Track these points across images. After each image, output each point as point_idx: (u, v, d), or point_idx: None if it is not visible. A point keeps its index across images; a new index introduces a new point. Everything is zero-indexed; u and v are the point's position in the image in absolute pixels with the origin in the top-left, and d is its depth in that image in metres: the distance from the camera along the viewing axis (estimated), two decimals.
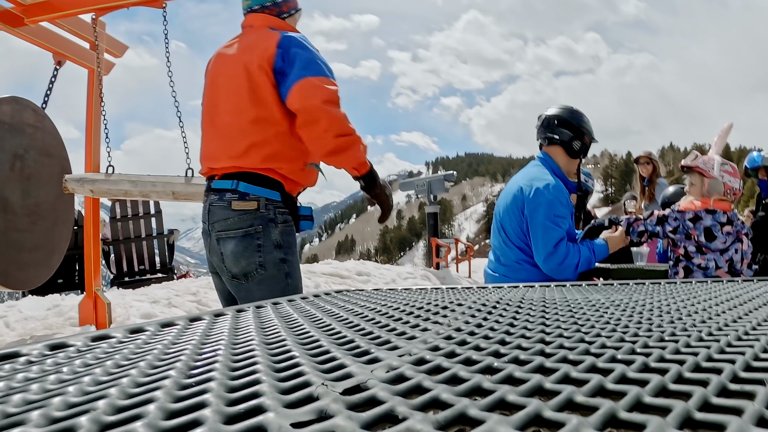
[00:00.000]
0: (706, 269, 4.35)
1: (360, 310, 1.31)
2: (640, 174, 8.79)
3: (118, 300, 7.81)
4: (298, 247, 3.60)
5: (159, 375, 0.64)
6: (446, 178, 22.19)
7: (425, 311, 1.25)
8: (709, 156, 4.60)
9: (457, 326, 0.99)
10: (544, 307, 1.25)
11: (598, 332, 0.87)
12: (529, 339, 0.83)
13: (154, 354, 0.79)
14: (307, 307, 1.43)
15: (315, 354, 0.75)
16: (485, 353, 0.72)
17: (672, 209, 4.52)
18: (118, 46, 7.49)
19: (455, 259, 21.63)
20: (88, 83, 6.73)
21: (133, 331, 1.07)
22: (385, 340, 0.85)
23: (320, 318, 1.18)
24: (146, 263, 12.25)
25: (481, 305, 1.33)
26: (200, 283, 10.01)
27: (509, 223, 4.41)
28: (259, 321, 1.16)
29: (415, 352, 0.74)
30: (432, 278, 14.25)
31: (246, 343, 0.86)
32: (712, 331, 0.86)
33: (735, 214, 4.43)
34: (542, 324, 0.99)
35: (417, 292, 1.88)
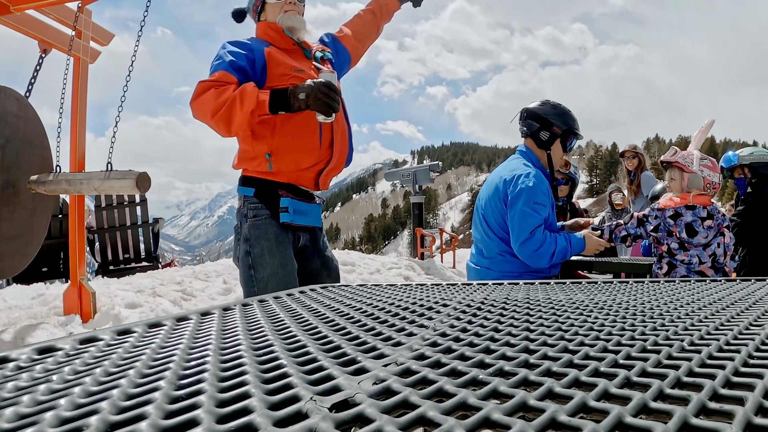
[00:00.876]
0: (689, 264, 4.38)
1: (345, 310, 1.31)
2: (626, 167, 8.82)
3: (103, 289, 7.81)
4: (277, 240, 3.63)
5: (149, 387, 0.64)
6: (431, 168, 22.21)
7: (410, 312, 1.25)
8: (688, 151, 4.63)
9: (443, 331, 1.00)
10: (528, 310, 1.26)
11: (581, 340, 0.88)
12: (514, 347, 0.83)
13: (142, 361, 0.79)
14: (293, 306, 1.43)
15: (302, 363, 0.75)
16: (470, 363, 0.73)
17: (652, 208, 4.56)
18: (105, 34, 7.47)
19: (440, 249, 21.64)
20: (74, 72, 6.71)
21: (120, 333, 1.07)
22: (371, 347, 0.86)
23: (306, 319, 1.18)
24: (131, 252, 12.23)
25: (465, 306, 1.34)
26: (185, 272, 10.03)
27: (491, 214, 4.46)
28: (246, 322, 1.16)
29: (401, 361, 0.75)
30: (416, 268, 14.24)
31: (233, 349, 0.86)
32: (694, 340, 0.87)
33: (715, 207, 4.47)
34: (527, 330, 0.99)
35: (402, 288, 1.89)
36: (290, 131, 3.60)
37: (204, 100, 3.41)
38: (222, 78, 3.46)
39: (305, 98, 3.31)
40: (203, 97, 3.42)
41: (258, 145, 3.61)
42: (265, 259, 3.60)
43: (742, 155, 6.06)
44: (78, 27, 6.56)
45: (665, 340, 0.87)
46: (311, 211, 3.75)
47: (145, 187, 4.79)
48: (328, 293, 1.75)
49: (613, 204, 9.78)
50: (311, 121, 3.55)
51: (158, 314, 7.24)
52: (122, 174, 4.80)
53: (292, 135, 3.61)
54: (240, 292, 8.86)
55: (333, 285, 2.04)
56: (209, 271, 10.17)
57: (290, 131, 3.60)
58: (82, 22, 6.61)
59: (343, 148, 3.77)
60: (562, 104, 4.73)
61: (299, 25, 3.79)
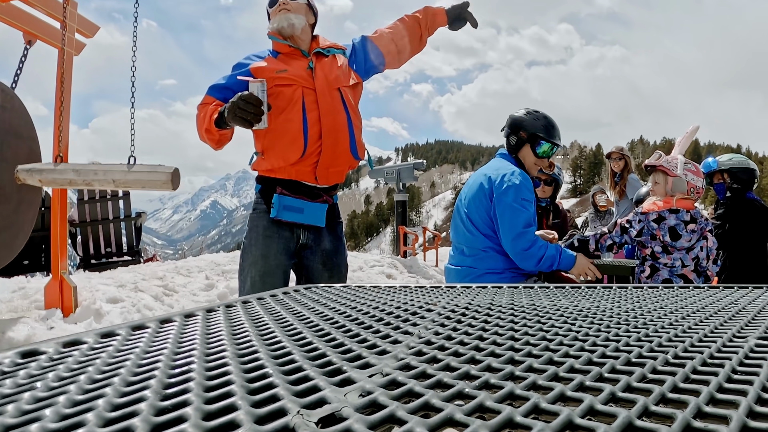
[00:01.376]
0: (672, 267, 4.40)
1: (329, 314, 1.31)
2: (611, 169, 8.82)
3: (84, 283, 7.78)
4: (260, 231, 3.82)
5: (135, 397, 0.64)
6: (416, 166, 22.29)
7: (395, 317, 1.26)
8: (672, 155, 4.67)
9: (427, 339, 1.00)
10: (513, 317, 1.26)
11: (566, 351, 0.88)
12: (499, 357, 0.83)
13: (127, 368, 0.79)
14: (277, 308, 1.43)
15: (288, 372, 0.75)
16: (456, 375, 0.73)
17: (635, 212, 4.59)
18: (90, 26, 7.44)
19: (422, 247, 21.69)
20: (58, 63, 6.68)
21: (104, 336, 1.07)
22: (356, 355, 0.86)
23: (290, 323, 1.18)
24: (113, 246, 12.19)
25: (450, 312, 1.34)
26: (167, 267, 10.01)
27: (476, 210, 4.49)
28: (230, 326, 1.16)
29: (387, 371, 0.75)
30: (399, 266, 14.24)
31: (218, 356, 0.86)
32: (678, 352, 0.87)
33: (698, 212, 4.49)
34: (511, 339, 1.00)
35: (385, 290, 1.89)
36: (275, 128, 3.70)
37: (196, 123, 3.81)
38: (205, 101, 3.80)
39: (227, 115, 3.49)
40: (196, 121, 3.81)
41: (257, 145, 3.84)
42: (250, 248, 3.81)
43: (722, 161, 6.12)
44: (63, 18, 6.53)
45: (649, 352, 0.88)
46: (309, 209, 3.81)
47: (177, 183, 4.75)
48: (312, 294, 1.75)
49: (597, 205, 9.80)
50: (293, 115, 3.71)
51: (140, 309, 7.23)
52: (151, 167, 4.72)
53: (276, 131, 3.71)
54: (222, 288, 8.87)
55: (317, 286, 2.04)
56: (191, 267, 10.16)
57: (275, 128, 3.70)
58: (68, 14, 6.58)
59: (337, 141, 3.81)
60: (541, 112, 4.78)
61: (281, 24, 3.89)
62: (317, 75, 3.86)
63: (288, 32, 3.90)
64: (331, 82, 3.86)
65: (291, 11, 3.93)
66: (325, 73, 3.88)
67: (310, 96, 3.79)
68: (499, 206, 4.36)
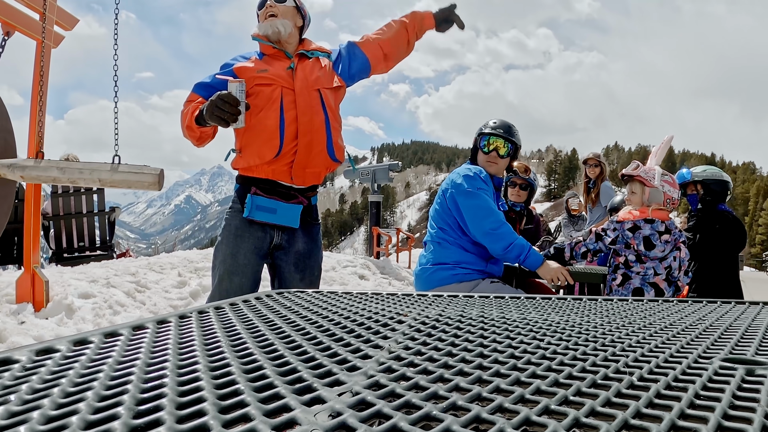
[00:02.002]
0: (644, 276, 4.43)
1: (302, 324, 1.32)
2: (585, 174, 8.85)
3: (57, 278, 7.74)
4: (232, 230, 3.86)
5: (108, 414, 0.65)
6: (391, 167, 22.33)
7: (366, 329, 1.27)
8: (650, 166, 4.70)
9: (397, 354, 1.01)
10: (482, 331, 1.27)
11: (533, 371, 0.89)
12: (467, 377, 0.84)
13: (100, 381, 0.79)
14: (250, 316, 1.44)
15: (259, 388, 0.76)
16: (424, 396, 0.74)
17: (611, 220, 4.63)
18: (69, 18, 7.40)
19: (396, 248, 21.72)
20: (37, 56, 6.64)
21: (77, 343, 1.07)
22: (327, 371, 0.87)
23: (263, 334, 1.19)
24: (86, 240, 12.10)
25: (420, 324, 1.35)
26: (139, 263, 9.97)
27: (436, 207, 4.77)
28: (203, 335, 1.17)
29: (356, 389, 0.76)
30: (372, 267, 14.24)
31: (190, 368, 0.87)
32: (644, 374, 0.88)
33: (673, 222, 4.53)
34: (480, 356, 1.00)
35: (357, 298, 1.90)
36: (253, 126, 3.75)
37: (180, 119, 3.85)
38: (190, 98, 3.89)
39: (205, 113, 3.55)
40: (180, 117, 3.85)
41: (236, 142, 3.91)
42: (221, 246, 3.86)
43: (696, 172, 6.18)
44: (42, 10, 6.50)
45: (615, 373, 0.89)
46: (282, 210, 3.83)
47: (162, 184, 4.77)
48: (285, 301, 1.76)
49: (570, 210, 9.84)
50: (270, 113, 3.76)
51: (112, 306, 7.20)
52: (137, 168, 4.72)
53: (253, 129, 3.76)
54: (194, 286, 8.85)
55: (289, 291, 2.04)
56: (164, 263, 10.13)
57: (253, 126, 3.75)
58: (47, 6, 6.55)
59: (314, 141, 3.83)
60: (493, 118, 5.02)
61: (266, 30, 3.94)
62: (297, 75, 3.89)
63: (274, 38, 3.97)
64: (310, 83, 3.89)
65: (278, 16, 3.97)
66: (306, 74, 3.91)
67: (289, 96, 3.81)
68: (459, 196, 4.50)
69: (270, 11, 3.98)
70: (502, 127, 4.79)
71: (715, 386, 0.80)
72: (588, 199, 8.78)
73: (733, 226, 6.01)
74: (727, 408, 0.70)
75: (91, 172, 4.76)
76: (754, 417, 0.66)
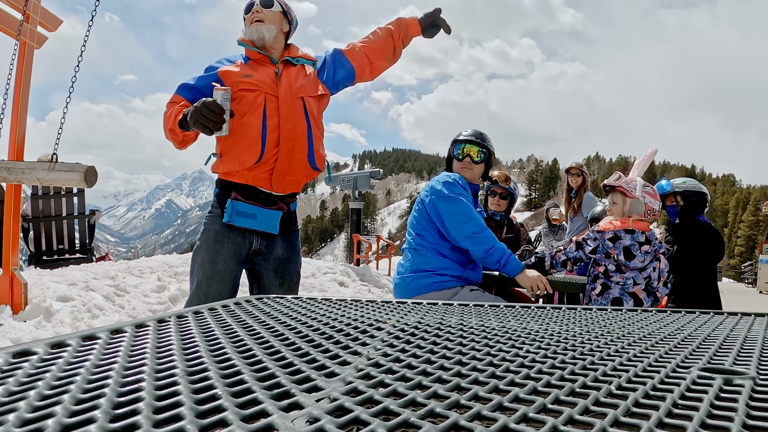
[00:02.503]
0: (624, 285, 4.45)
1: (280, 329, 1.31)
2: (568, 184, 8.85)
3: (35, 281, 7.71)
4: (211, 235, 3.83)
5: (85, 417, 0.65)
6: (372, 175, 22.39)
7: (345, 335, 1.26)
8: (631, 177, 4.72)
9: (376, 361, 1.01)
10: (461, 338, 1.27)
11: (512, 379, 0.89)
12: (445, 384, 0.84)
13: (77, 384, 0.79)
14: (228, 321, 1.43)
15: (236, 393, 0.76)
16: (402, 402, 0.74)
17: (592, 230, 4.64)
18: (53, 19, 7.39)
19: (376, 255, 21.74)
20: (18, 56, 6.61)
21: (54, 346, 1.07)
22: (305, 377, 0.86)
23: (241, 339, 1.18)
24: (66, 243, 12.05)
25: (399, 331, 1.35)
26: (119, 267, 9.94)
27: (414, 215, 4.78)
28: (181, 340, 1.16)
29: (334, 396, 0.76)
30: (352, 274, 14.25)
31: (168, 373, 0.87)
32: (622, 383, 0.88)
33: (653, 233, 4.55)
34: (459, 363, 1.00)
35: (336, 304, 1.89)
36: (235, 131, 3.71)
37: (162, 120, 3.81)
38: (174, 99, 3.83)
39: (189, 119, 3.52)
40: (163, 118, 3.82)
41: (217, 146, 3.87)
42: (200, 251, 3.82)
43: (676, 183, 6.23)
44: (26, 11, 6.48)
45: (594, 382, 0.89)
46: (262, 215, 3.81)
47: (92, 181, 4.75)
48: (264, 306, 1.75)
49: (550, 219, 9.86)
50: (253, 120, 3.74)
51: (90, 309, 7.17)
52: (69, 166, 4.73)
53: (235, 134, 3.72)
54: (173, 290, 8.83)
55: (269, 297, 2.04)
56: (144, 267, 10.09)
57: (235, 131, 3.71)
58: (31, 6, 6.53)
59: (295, 149, 3.82)
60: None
61: (252, 35, 3.93)
62: (282, 82, 3.87)
63: (259, 44, 3.96)
64: (294, 90, 3.87)
65: (264, 22, 3.95)
66: (290, 81, 3.90)
67: (273, 102, 3.80)
68: (439, 202, 4.53)
69: (256, 16, 3.96)
70: (474, 135, 4.90)
71: (693, 395, 0.81)
72: (569, 209, 8.78)
73: (711, 237, 6.05)
74: (705, 417, 0.70)
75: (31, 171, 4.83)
76: (731, 426, 0.66)
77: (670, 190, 6.18)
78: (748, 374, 0.94)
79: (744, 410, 0.72)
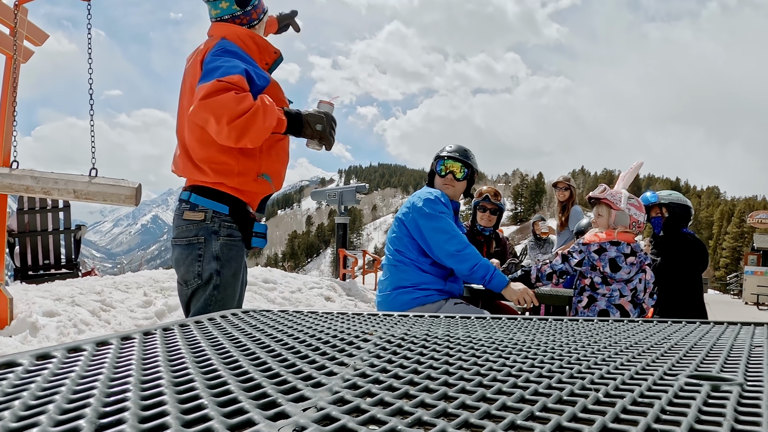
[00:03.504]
0: (610, 297, 4.45)
1: (266, 341, 1.31)
2: (557, 198, 8.84)
3: (21, 296, 7.68)
4: (242, 263, 3.55)
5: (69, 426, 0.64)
6: (358, 189, 22.41)
7: (331, 347, 1.26)
8: (616, 189, 4.74)
9: (363, 371, 1.01)
10: (448, 349, 1.27)
11: (499, 387, 0.89)
12: (433, 393, 0.84)
13: (62, 394, 0.78)
14: (215, 333, 1.43)
15: (223, 403, 0.75)
16: (389, 411, 0.73)
17: (577, 242, 4.65)
18: (39, 34, 7.39)
19: (362, 270, 21.77)
20: (5, 70, 6.61)
21: (40, 357, 1.06)
22: (291, 387, 0.86)
23: (227, 350, 1.18)
24: (51, 258, 12.02)
25: (386, 342, 1.35)
26: (105, 282, 9.91)
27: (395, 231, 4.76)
28: (167, 351, 1.16)
29: (321, 405, 0.76)
30: (338, 289, 14.26)
31: (154, 383, 0.86)
32: (609, 390, 0.88)
33: (638, 245, 4.57)
34: (446, 374, 1.00)
35: (323, 317, 1.89)
36: (278, 153, 3.60)
37: (222, 101, 3.11)
38: (240, 83, 3.21)
39: (321, 129, 3.37)
40: (221, 98, 3.11)
41: (245, 161, 3.45)
42: (230, 282, 3.47)
43: (661, 195, 6.26)
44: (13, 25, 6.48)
45: (581, 390, 0.89)
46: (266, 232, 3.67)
47: (139, 199, 4.69)
48: (250, 319, 1.75)
49: (536, 233, 9.88)
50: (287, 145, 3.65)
51: (76, 324, 7.15)
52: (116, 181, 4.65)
53: (278, 157, 3.61)
54: (159, 306, 8.75)
55: (254, 310, 2.03)
56: (130, 282, 10.07)
57: (278, 153, 3.60)
58: (18, 21, 6.53)
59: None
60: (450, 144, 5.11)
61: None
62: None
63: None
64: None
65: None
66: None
67: None
68: (421, 219, 4.52)
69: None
70: (458, 151, 4.89)
71: (681, 402, 0.81)
72: (559, 221, 8.78)
73: (695, 248, 6.09)
74: (694, 423, 0.70)
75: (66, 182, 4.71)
76: (720, 431, 0.66)
77: (655, 202, 6.21)
78: (736, 381, 0.94)
79: (732, 415, 0.72)
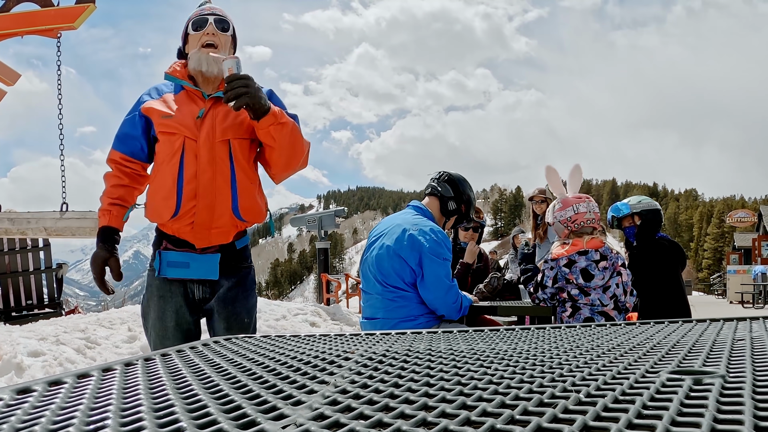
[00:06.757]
0: (593, 305, 4.47)
1: (247, 365, 1.31)
2: (533, 211, 8.83)
3: (5, 336, 7.66)
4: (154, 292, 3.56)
5: None
6: (337, 213, 22.55)
7: (312, 367, 1.26)
8: (559, 199, 4.81)
9: (343, 388, 1.01)
10: (429, 362, 1.27)
11: (480, 395, 0.89)
12: (413, 404, 0.84)
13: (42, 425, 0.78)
14: (196, 361, 1.42)
15: (202, 425, 0.75)
16: (369, 423, 0.73)
17: (546, 260, 4.68)
18: (11, 74, 7.38)
19: (345, 294, 21.81)
20: None
21: (20, 392, 1.06)
22: (271, 406, 0.86)
23: (207, 376, 1.18)
24: (34, 298, 11.98)
25: (367, 359, 1.35)
26: (89, 319, 9.89)
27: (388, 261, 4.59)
28: (148, 380, 1.15)
29: (300, 422, 0.76)
30: (322, 314, 14.27)
31: (134, 410, 0.86)
32: (591, 391, 0.88)
33: (608, 248, 4.59)
34: (426, 385, 1.00)
35: (305, 339, 1.89)
36: (153, 177, 3.55)
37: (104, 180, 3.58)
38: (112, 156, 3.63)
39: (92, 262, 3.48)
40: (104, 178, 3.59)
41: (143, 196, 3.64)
42: (148, 310, 3.61)
43: (632, 204, 6.33)
44: None
45: (562, 392, 0.89)
46: (196, 262, 3.48)
47: None
48: (232, 346, 1.75)
49: (517, 246, 9.90)
50: (169, 168, 3.41)
51: (62, 363, 7.12)
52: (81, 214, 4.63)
53: (153, 183, 3.55)
54: (145, 340, 8.75)
55: (236, 337, 2.02)
56: (114, 318, 10.03)
57: (153, 177, 3.55)
58: None
59: (216, 202, 3.45)
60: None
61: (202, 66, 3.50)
62: (205, 124, 3.43)
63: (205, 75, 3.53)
64: (219, 132, 3.44)
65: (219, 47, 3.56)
66: (215, 122, 3.44)
67: (192, 148, 3.40)
68: (426, 259, 4.44)
69: (210, 39, 3.52)
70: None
71: (662, 397, 0.81)
72: (536, 236, 8.77)
73: (671, 250, 6.16)
74: (675, 416, 0.70)
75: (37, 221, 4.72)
76: (702, 422, 0.66)
77: (628, 212, 6.27)
78: (718, 373, 0.94)
79: (715, 406, 0.73)
